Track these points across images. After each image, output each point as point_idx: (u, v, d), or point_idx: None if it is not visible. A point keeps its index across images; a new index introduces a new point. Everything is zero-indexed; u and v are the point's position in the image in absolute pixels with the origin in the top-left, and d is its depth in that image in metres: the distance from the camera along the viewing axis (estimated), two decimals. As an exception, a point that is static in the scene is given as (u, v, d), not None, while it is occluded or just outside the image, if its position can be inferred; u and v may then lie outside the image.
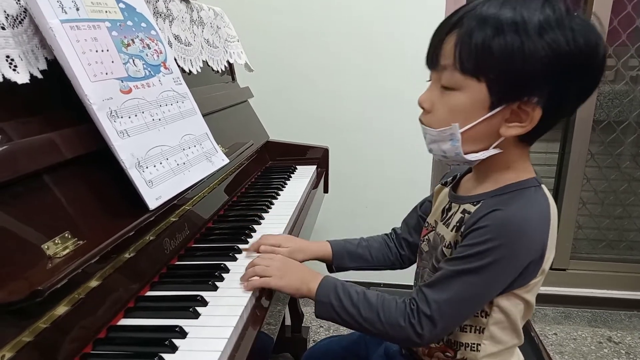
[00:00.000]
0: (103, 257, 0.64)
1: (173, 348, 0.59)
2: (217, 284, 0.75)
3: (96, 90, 0.69)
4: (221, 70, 1.36)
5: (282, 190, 1.27)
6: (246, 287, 0.74)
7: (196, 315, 0.67)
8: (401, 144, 1.89)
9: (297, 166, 1.50)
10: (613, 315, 2.00)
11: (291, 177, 1.39)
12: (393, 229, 0.97)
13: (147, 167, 0.75)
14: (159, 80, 0.85)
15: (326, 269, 0.93)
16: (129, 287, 0.70)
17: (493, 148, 0.67)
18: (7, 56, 0.61)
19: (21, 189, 0.58)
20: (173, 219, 0.85)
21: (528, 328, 0.95)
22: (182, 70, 1.09)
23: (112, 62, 0.74)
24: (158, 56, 0.87)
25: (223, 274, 0.79)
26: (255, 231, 0.98)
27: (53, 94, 0.69)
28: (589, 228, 2.09)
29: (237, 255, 0.86)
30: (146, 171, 0.75)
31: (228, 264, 0.82)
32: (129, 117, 0.75)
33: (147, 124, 0.79)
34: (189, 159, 0.87)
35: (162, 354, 0.58)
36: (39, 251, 0.56)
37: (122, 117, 0.73)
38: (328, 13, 1.80)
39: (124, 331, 0.65)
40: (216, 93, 1.25)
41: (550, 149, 2.01)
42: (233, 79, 1.51)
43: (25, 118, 0.64)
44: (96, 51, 0.71)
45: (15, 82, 0.61)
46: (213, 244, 0.93)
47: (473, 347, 0.71)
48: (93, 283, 0.63)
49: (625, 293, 2.02)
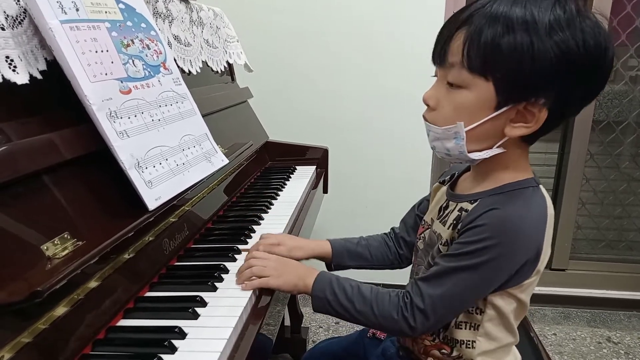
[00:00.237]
0: (102, 258, 0.64)
1: (172, 349, 0.59)
2: (217, 285, 0.76)
3: (96, 90, 0.69)
4: (221, 70, 1.36)
5: (282, 190, 1.27)
6: (245, 288, 0.75)
7: (195, 315, 0.67)
8: (401, 144, 1.89)
9: (297, 166, 1.50)
10: (612, 315, 2.00)
11: (291, 178, 1.39)
12: (392, 229, 0.97)
13: (147, 168, 0.75)
14: (159, 80, 0.85)
15: (325, 268, 0.93)
16: (128, 288, 0.70)
17: (496, 147, 0.67)
18: (7, 57, 0.61)
19: (21, 190, 0.58)
20: (172, 220, 0.85)
21: (527, 328, 0.95)
22: (182, 70, 1.09)
23: (112, 63, 0.74)
24: (158, 57, 0.87)
25: (222, 275, 0.79)
26: (254, 232, 0.98)
27: (52, 95, 0.69)
28: (588, 228, 2.09)
29: (237, 255, 0.86)
30: (146, 172, 0.75)
31: (227, 265, 0.82)
32: (129, 118, 0.75)
33: (147, 125, 0.79)
34: (189, 160, 0.87)
35: (162, 355, 0.58)
36: (38, 252, 0.56)
37: (122, 118, 0.73)
38: (327, 13, 1.80)
39: (124, 332, 0.65)
40: (216, 93, 1.25)
41: (549, 149, 2.01)
42: (232, 80, 1.51)
43: (24, 118, 0.64)
44: (96, 52, 0.72)
45: (14, 83, 0.61)
46: (212, 245, 0.93)
47: (468, 344, 0.72)
48: (92, 284, 0.63)
49: (624, 293, 2.02)
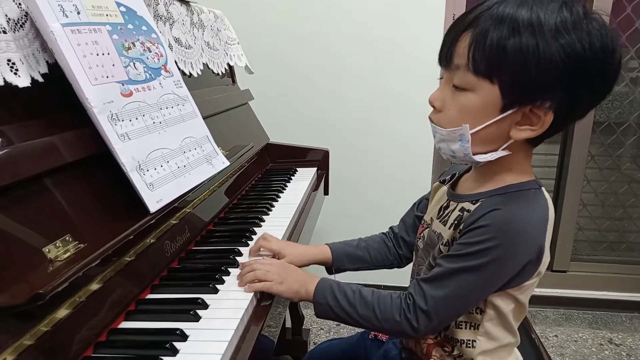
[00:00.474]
0: (104, 260, 0.64)
1: (174, 351, 0.60)
2: (218, 287, 0.76)
3: (97, 93, 0.69)
4: (221, 72, 1.36)
5: (283, 192, 1.27)
6: (247, 290, 0.75)
7: (197, 318, 0.67)
8: (402, 146, 1.89)
9: (298, 168, 1.50)
10: (614, 317, 2.00)
11: (291, 180, 1.39)
12: (391, 228, 0.97)
13: (148, 170, 0.75)
14: (160, 83, 0.85)
15: (325, 272, 0.94)
16: (130, 290, 0.70)
17: (502, 150, 0.67)
18: (9, 60, 0.61)
19: (22, 192, 0.58)
20: (174, 222, 0.85)
21: (528, 330, 0.94)
22: (183, 73, 1.10)
23: (113, 66, 0.75)
24: (159, 59, 0.87)
25: (224, 277, 0.79)
26: (255, 234, 0.98)
27: (54, 98, 0.70)
28: (590, 230, 2.09)
29: (238, 258, 0.86)
30: (147, 174, 0.75)
31: (229, 267, 0.82)
32: (130, 120, 0.75)
33: (148, 127, 0.79)
34: (190, 162, 0.87)
35: (163, 357, 0.58)
36: (40, 254, 0.56)
37: (123, 120, 0.73)
38: (327, 15, 1.80)
39: (125, 334, 0.65)
40: (216, 96, 1.26)
41: (550, 151, 2.01)
42: (233, 82, 1.51)
43: (26, 121, 0.64)
44: (97, 54, 0.72)
45: (16, 86, 0.61)
46: (213, 247, 0.93)
47: (469, 344, 0.72)
48: (94, 286, 0.63)
49: (626, 295, 2.02)
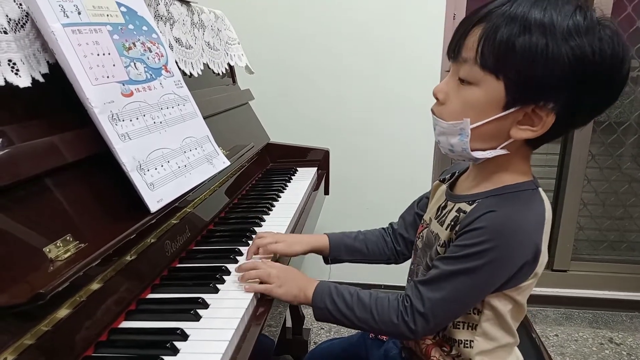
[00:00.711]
0: (104, 260, 0.64)
1: (174, 350, 0.60)
2: (218, 287, 0.76)
3: (97, 93, 0.70)
4: (222, 72, 1.36)
5: (283, 192, 1.27)
6: (247, 289, 0.75)
7: (197, 317, 0.67)
8: (402, 146, 1.89)
9: (298, 168, 1.50)
10: (614, 316, 2.00)
11: (292, 179, 1.39)
12: (390, 224, 0.97)
13: (149, 170, 0.76)
14: (160, 83, 0.85)
15: (322, 262, 0.95)
16: (130, 290, 0.71)
17: (500, 148, 0.67)
18: (9, 60, 0.61)
19: (23, 192, 0.58)
20: (174, 222, 0.86)
21: (529, 329, 0.95)
22: (183, 73, 1.10)
23: (114, 66, 0.75)
24: (159, 59, 0.87)
25: (224, 277, 0.79)
26: (256, 233, 0.98)
27: (54, 98, 0.70)
28: (590, 229, 2.09)
29: (238, 257, 0.87)
30: (147, 174, 0.75)
31: (229, 267, 0.82)
32: (130, 120, 0.75)
33: (149, 127, 0.79)
34: (190, 162, 0.87)
35: (164, 357, 0.58)
36: (41, 254, 0.57)
37: (124, 120, 0.74)
38: (328, 15, 1.80)
39: (126, 334, 0.65)
40: (217, 96, 1.26)
41: (551, 150, 2.01)
42: (234, 82, 1.51)
43: (27, 121, 0.64)
44: (97, 55, 0.72)
45: (17, 86, 0.61)
46: (214, 247, 0.93)
47: (467, 344, 0.72)
48: (94, 286, 0.63)
49: (626, 294, 2.02)
